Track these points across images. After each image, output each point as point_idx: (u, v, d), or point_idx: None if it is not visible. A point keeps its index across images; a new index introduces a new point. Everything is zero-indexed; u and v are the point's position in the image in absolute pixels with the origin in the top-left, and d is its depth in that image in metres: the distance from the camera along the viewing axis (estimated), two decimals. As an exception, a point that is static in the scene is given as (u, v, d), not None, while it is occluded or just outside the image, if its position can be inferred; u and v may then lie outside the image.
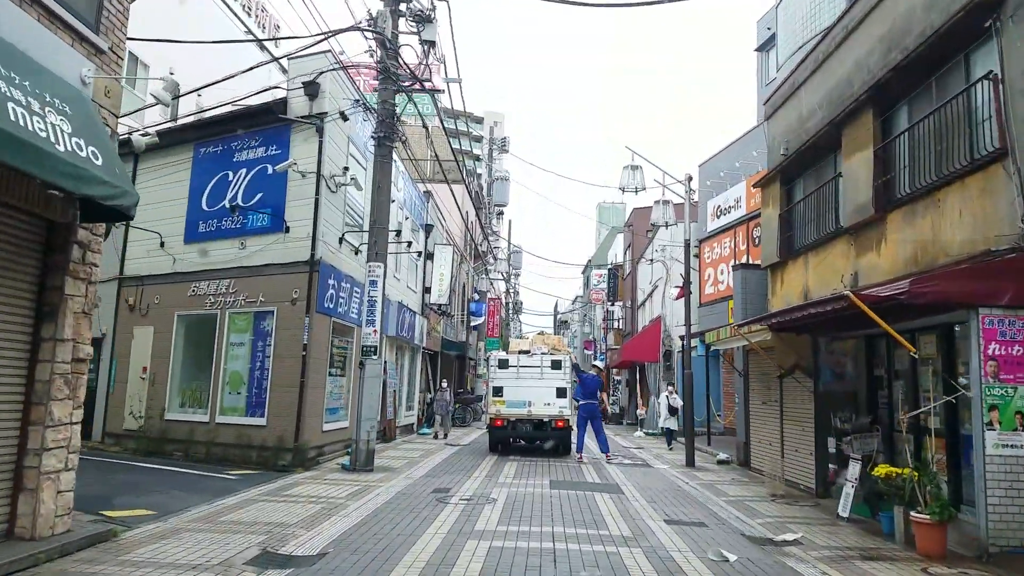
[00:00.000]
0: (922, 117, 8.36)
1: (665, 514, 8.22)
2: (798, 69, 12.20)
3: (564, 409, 14.36)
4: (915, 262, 8.32)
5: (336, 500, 8.43)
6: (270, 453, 11.39)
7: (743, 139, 20.05)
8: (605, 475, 11.71)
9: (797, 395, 10.91)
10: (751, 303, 14.04)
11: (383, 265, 11.42)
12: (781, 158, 12.30)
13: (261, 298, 12.14)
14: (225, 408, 12.29)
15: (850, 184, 9.79)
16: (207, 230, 13.07)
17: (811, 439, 10.38)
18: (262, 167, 12.39)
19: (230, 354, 12.43)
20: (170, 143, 13.86)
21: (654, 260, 25.71)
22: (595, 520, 7.69)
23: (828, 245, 10.59)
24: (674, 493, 9.96)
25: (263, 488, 9.19)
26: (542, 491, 9.60)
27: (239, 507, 7.81)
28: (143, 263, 13.87)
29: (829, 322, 9.70)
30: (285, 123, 12.08)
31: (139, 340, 13.69)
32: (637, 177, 14.30)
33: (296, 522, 7.11)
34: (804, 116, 11.70)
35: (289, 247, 11.99)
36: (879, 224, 9.15)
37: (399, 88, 11.45)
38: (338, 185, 12.37)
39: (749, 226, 18.58)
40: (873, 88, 9.17)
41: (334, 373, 13.01)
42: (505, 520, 7.52)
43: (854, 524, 8.03)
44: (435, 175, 26.99)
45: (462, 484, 10.09)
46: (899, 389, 9.36)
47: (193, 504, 7.87)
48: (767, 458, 12.26)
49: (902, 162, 8.94)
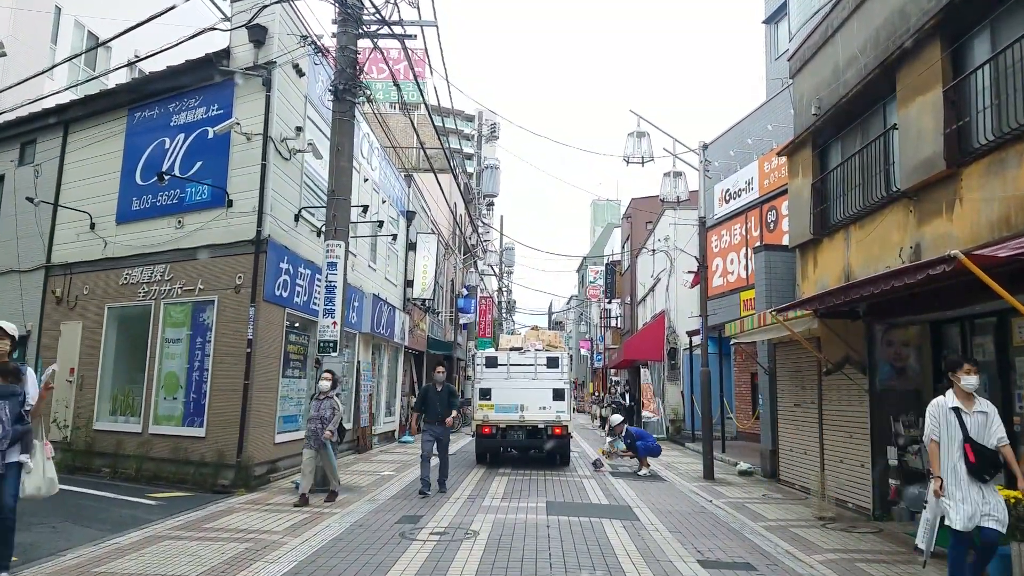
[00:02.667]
0: (1015, 39, 6.54)
1: (697, 551, 6.32)
2: (832, 13, 10.39)
3: (562, 414, 12.44)
4: (1007, 224, 6.48)
5: (269, 537, 6.51)
6: (209, 470, 9.45)
7: (753, 115, 18.26)
8: (612, 493, 9.81)
9: (844, 395, 9.05)
10: (776, 290, 12.22)
11: (343, 244, 9.51)
12: (813, 118, 10.49)
13: (200, 285, 10.21)
14: (160, 416, 10.35)
15: (908, 137, 7.96)
16: (142, 207, 11.14)
17: (864, 448, 8.52)
18: (202, 131, 10.47)
19: (165, 352, 10.49)
20: (101, 109, 11.99)
21: (656, 251, 23.86)
22: (608, 564, 5.79)
23: (878, 214, 8.75)
24: (700, 518, 8.07)
25: (184, 518, 7.26)
26: (536, 518, 7.68)
27: (133, 549, 5.88)
28: (72, 249, 11.95)
29: (890, 304, 7.90)
30: (227, 77, 10.17)
31: (67, 337, 11.75)
32: (644, 145, 12.41)
33: (199, 575, 5.20)
34: (841, 66, 9.89)
35: (232, 224, 10.07)
36: (951, 182, 7.33)
37: (361, 32, 9.55)
38: (292, 151, 10.46)
39: (762, 210, 16.79)
40: (942, 12, 7.37)
41: (291, 375, 11.08)
42: (487, 567, 5.61)
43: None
44: (421, 163, 25.14)
45: (438, 509, 8.17)
46: (982, 386, 7.55)
47: (75, 544, 5.96)
48: (802, 470, 10.40)
49: (981, 103, 7.11)
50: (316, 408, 8.78)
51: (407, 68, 17.07)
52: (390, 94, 19.97)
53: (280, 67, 10.11)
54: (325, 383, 8.85)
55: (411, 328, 19.98)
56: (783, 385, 11.33)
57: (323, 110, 11.54)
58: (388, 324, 16.80)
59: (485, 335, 33.95)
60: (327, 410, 8.74)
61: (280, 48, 10.16)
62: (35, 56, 14.72)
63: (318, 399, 8.83)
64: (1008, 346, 7.11)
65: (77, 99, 12.74)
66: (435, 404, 9.59)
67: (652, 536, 6.93)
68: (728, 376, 19.13)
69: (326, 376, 8.94)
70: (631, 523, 7.56)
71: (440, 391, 9.64)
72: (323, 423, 8.65)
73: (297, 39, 10.49)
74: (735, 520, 7.93)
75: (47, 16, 15.48)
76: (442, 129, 19.60)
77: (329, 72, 10.85)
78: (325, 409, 8.73)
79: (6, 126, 13.12)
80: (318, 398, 8.84)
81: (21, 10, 14.62)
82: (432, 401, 9.62)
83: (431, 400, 9.64)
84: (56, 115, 12.58)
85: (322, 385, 8.88)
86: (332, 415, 8.73)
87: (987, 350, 7.54)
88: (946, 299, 6.94)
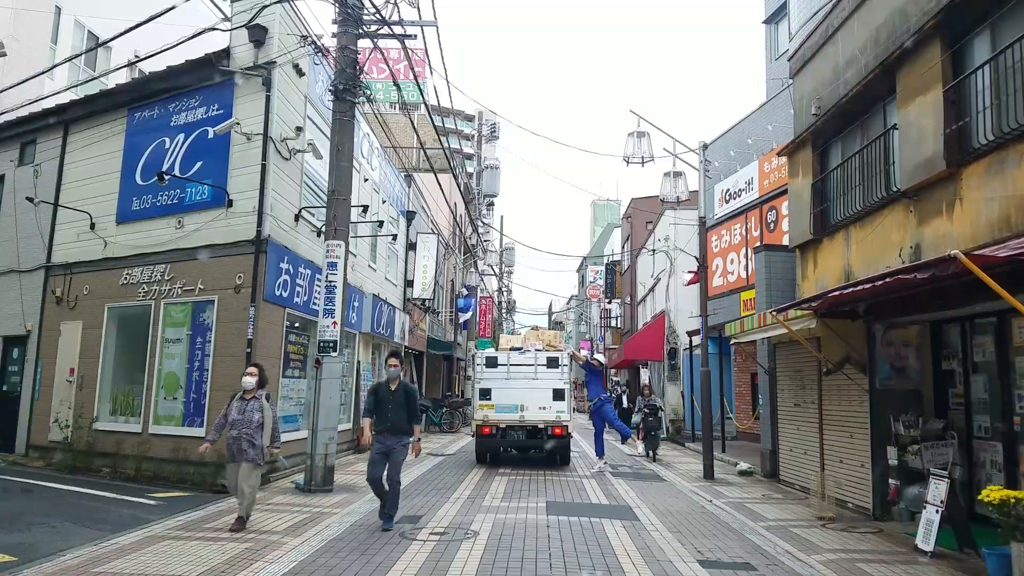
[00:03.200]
0: (1015, 40, 6.54)
1: (697, 551, 6.32)
2: (832, 13, 10.39)
3: (562, 414, 12.43)
4: (1008, 225, 6.49)
5: (270, 537, 6.51)
6: (209, 470, 9.45)
7: (753, 115, 18.27)
8: (612, 493, 9.81)
9: (844, 395, 9.05)
10: (776, 290, 12.22)
11: (344, 244, 9.51)
12: (813, 118, 10.49)
13: (200, 285, 10.22)
14: (159, 416, 10.35)
15: (908, 137, 7.97)
16: (142, 207, 11.14)
17: (864, 448, 8.52)
18: (202, 131, 10.47)
19: (165, 352, 10.50)
20: (101, 109, 12.00)
21: (656, 251, 23.86)
22: (608, 564, 5.79)
23: (878, 215, 8.76)
24: (700, 518, 8.07)
25: (183, 518, 7.27)
26: (536, 518, 7.68)
27: (133, 549, 5.88)
28: (72, 249, 11.96)
29: (890, 303, 7.91)
30: (227, 77, 10.17)
31: (67, 337, 11.76)
32: (644, 145, 12.40)
33: (199, 575, 5.21)
34: (841, 66, 9.90)
35: (232, 224, 10.07)
36: (951, 182, 7.33)
37: (361, 32, 9.54)
38: (292, 151, 10.46)
39: (762, 210, 16.79)
40: (942, 13, 7.38)
41: (291, 374, 11.08)
42: (487, 567, 5.62)
43: (942, 561, 6.18)
44: (421, 163, 25.12)
45: (438, 508, 8.18)
46: (982, 385, 7.57)
47: (75, 544, 5.95)
48: (802, 470, 10.39)
49: (981, 102, 7.11)
50: (239, 410, 6.95)
51: (407, 68, 17.08)
52: (390, 94, 19.97)
53: (280, 67, 10.12)
54: (249, 379, 7.07)
55: (411, 328, 19.99)
56: (783, 385, 11.33)
57: (323, 110, 11.54)
58: (388, 324, 16.80)
59: (485, 335, 33.96)
60: (253, 413, 6.90)
61: (280, 48, 10.16)
62: (35, 56, 14.72)
63: (241, 399, 7.04)
64: (1008, 346, 7.11)
65: (77, 99, 12.75)
66: (386, 407, 7.25)
67: (652, 536, 6.93)
68: (728, 376, 19.12)
69: (250, 371, 7.18)
70: (631, 523, 7.56)
71: (394, 390, 7.31)
72: (249, 430, 6.84)
73: (297, 39, 10.50)
74: (735, 521, 7.93)
75: (47, 16, 15.48)
76: (442, 129, 19.56)
77: (329, 72, 10.85)
78: (252, 412, 6.90)
79: (6, 126, 13.13)
80: (241, 397, 7.04)
81: (21, 10, 14.62)
82: (383, 403, 7.29)
83: (381, 401, 7.32)
84: (56, 115, 12.59)
85: (246, 381, 7.08)
86: (261, 421, 6.89)
87: (987, 350, 7.55)
88: (946, 299, 6.94)
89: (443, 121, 21.39)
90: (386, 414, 7.21)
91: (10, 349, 12.98)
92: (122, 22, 9.48)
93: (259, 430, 6.86)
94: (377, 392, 7.42)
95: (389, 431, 7.17)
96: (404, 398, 7.29)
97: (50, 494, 8.63)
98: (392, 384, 7.40)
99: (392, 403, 7.25)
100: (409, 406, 7.29)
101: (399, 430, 7.19)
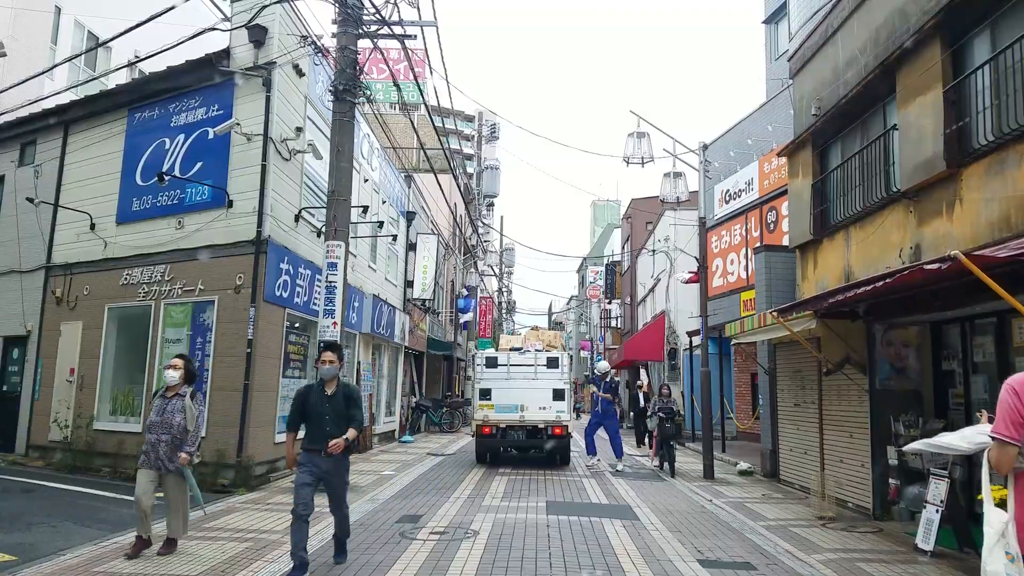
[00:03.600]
0: (1015, 40, 6.54)
1: (697, 550, 6.32)
2: (832, 13, 10.40)
3: (562, 414, 12.43)
4: (1007, 225, 6.50)
5: (270, 536, 6.52)
6: (209, 470, 9.42)
7: (753, 115, 18.30)
8: (612, 492, 9.81)
9: (844, 395, 9.06)
10: (776, 290, 12.23)
11: (344, 244, 9.50)
12: (813, 119, 10.50)
13: (200, 286, 10.22)
14: (160, 417, 10.34)
15: (908, 137, 7.98)
16: (142, 208, 11.14)
17: (864, 448, 8.52)
18: (202, 131, 10.47)
19: (165, 352, 10.47)
20: (101, 109, 12.01)
21: (656, 251, 23.87)
22: (608, 564, 5.79)
23: (878, 215, 8.76)
24: (700, 518, 8.07)
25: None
26: (536, 518, 7.68)
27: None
28: (72, 249, 11.97)
29: (890, 304, 7.90)
30: (227, 77, 10.17)
31: (67, 337, 11.76)
32: (644, 146, 12.41)
33: (199, 575, 5.21)
34: (841, 66, 9.91)
35: (232, 225, 10.07)
36: (951, 182, 7.34)
37: (361, 32, 9.54)
38: (292, 152, 10.46)
39: (762, 210, 16.80)
40: (942, 13, 7.38)
41: (291, 375, 11.08)
42: (487, 567, 5.62)
43: (942, 561, 6.18)
44: (421, 164, 25.12)
45: (438, 508, 8.18)
46: (982, 386, 7.56)
47: (75, 544, 5.95)
48: (802, 469, 10.40)
49: (981, 103, 7.12)
50: (159, 410, 5.87)
51: (407, 68, 17.08)
52: (390, 94, 19.98)
53: (280, 67, 10.13)
54: (172, 373, 5.92)
55: (411, 328, 19.99)
56: (783, 385, 11.33)
57: (323, 110, 11.55)
58: (388, 324, 16.81)
59: (485, 335, 33.97)
60: (175, 414, 5.79)
61: (280, 48, 10.17)
62: (35, 56, 14.73)
63: (163, 396, 5.96)
64: (1008, 346, 7.11)
65: (77, 99, 12.75)
66: (320, 419, 5.36)
67: (652, 536, 6.93)
68: (728, 376, 19.13)
69: (174, 363, 6.00)
70: (631, 523, 7.56)
71: (331, 395, 5.42)
72: (170, 434, 5.74)
73: (297, 39, 10.50)
74: (735, 520, 7.94)
75: (47, 16, 15.49)
76: (442, 129, 19.56)
77: (329, 72, 10.86)
78: (173, 413, 5.80)
79: (6, 126, 13.13)
80: (163, 395, 5.97)
81: (21, 10, 14.62)
82: (316, 413, 5.39)
83: (313, 409, 5.41)
84: (56, 115, 12.59)
85: (168, 376, 5.95)
86: (184, 424, 5.78)
87: (987, 350, 7.55)
88: (946, 299, 6.94)
89: (443, 121, 21.40)
90: (322, 427, 5.33)
91: (10, 349, 12.98)
92: (122, 22, 9.49)
93: (185, 434, 5.78)
94: (307, 399, 5.46)
95: (322, 450, 5.28)
96: (344, 405, 5.43)
97: (50, 494, 8.63)
98: (328, 387, 5.45)
99: (329, 413, 5.36)
100: (349, 412, 5.44)
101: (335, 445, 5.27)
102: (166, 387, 6.02)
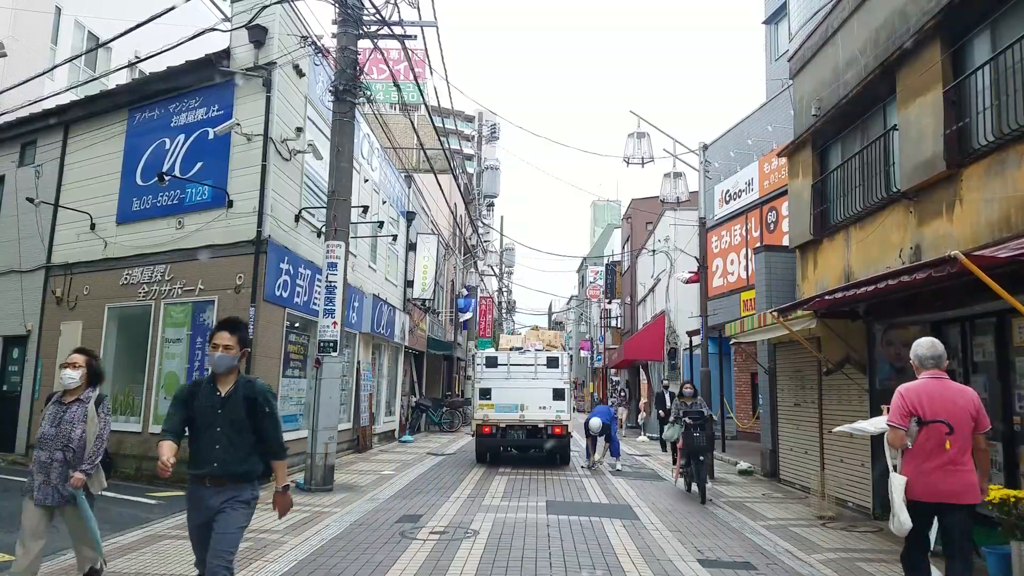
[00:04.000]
0: (1015, 40, 6.55)
1: (697, 550, 6.33)
2: (832, 14, 10.41)
3: (562, 413, 12.45)
4: (1007, 225, 6.50)
5: (269, 536, 6.52)
6: (209, 470, 9.44)
7: (753, 115, 18.29)
8: (612, 492, 9.82)
9: (844, 395, 9.06)
10: (776, 290, 12.24)
11: (344, 244, 9.52)
12: (813, 119, 10.51)
13: (200, 286, 10.23)
14: (160, 416, 10.34)
15: (908, 138, 7.98)
16: (142, 208, 11.16)
17: (864, 448, 8.52)
18: (202, 131, 10.48)
19: (165, 352, 10.51)
20: (102, 110, 12.02)
21: (656, 251, 23.87)
22: (608, 564, 5.80)
23: (877, 215, 8.77)
24: (700, 517, 8.07)
25: (183, 517, 7.25)
26: (536, 517, 7.69)
27: (133, 548, 5.89)
28: (72, 249, 11.98)
29: (890, 304, 7.91)
30: (228, 77, 10.19)
31: (67, 337, 11.76)
32: (644, 146, 12.42)
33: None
34: (841, 66, 9.92)
35: (232, 225, 10.09)
36: (950, 182, 7.35)
37: (361, 32, 9.56)
38: (292, 152, 10.48)
39: (762, 211, 16.80)
40: (942, 13, 7.39)
41: (291, 374, 11.09)
42: (487, 566, 5.62)
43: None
44: (421, 164, 25.13)
45: (438, 508, 8.19)
46: (982, 386, 7.56)
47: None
48: (802, 469, 10.40)
49: (981, 103, 7.12)
50: (53, 420, 4.51)
51: (407, 68, 17.09)
52: (390, 95, 19.96)
53: (280, 67, 10.14)
54: (70, 372, 4.54)
55: (411, 328, 20.01)
56: (783, 385, 11.34)
57: (323, 110, 11.56)
58: (388, 324, 16.82)
59: (485, 335, 33.99)
60: (75, 425, 4.48)
61: (280, 48, 10.18)
62: (35, 57, 14.73)
63: (59, 402, 4.59)
64: (1008, 346, 7.11)
65: (77, 100, 12.76)
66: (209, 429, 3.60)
67: (651, 535, 6.94)
68: (728, 376, 19.13)
69: (73, 360, 4.60)
70: (631, 522, 7.57)
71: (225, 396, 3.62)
72: (68, 450, 4.43)
73: (297, 39, 10.51)
74: (735, 520, 7.94)
75: (47, 16, 15.49)
76: (442, 130, 19.59)
77: (329, 72, 10.87)
78: (73, 423, 4.48)
79: (6, 127, 13.14)
80: (59, 401, 4.60)
81: (21, 10, 14.63)
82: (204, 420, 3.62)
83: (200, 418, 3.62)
84: (56, 116, 12.60)
85: (66, 377, 4.56)
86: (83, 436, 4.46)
87: (987, 350, 7.54)
88: (946, 299, 6.95)
89: (443, 122, 21.42)
90: (210, 443, 3.58)
91: (10, 349, 12.99)
92: (122, 22, 9.50)
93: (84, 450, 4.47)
94: (192, 399, 3.68)
95: (214, 477, 3.58)
96: (246, 410, 3.62)
97: (50, 494, 8.63)
98: (221, 384, 3.68)
99: (221, 420, 3.60)
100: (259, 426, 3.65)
101: (234, 474, 3.59)
102: (64, 391, 4.64)
